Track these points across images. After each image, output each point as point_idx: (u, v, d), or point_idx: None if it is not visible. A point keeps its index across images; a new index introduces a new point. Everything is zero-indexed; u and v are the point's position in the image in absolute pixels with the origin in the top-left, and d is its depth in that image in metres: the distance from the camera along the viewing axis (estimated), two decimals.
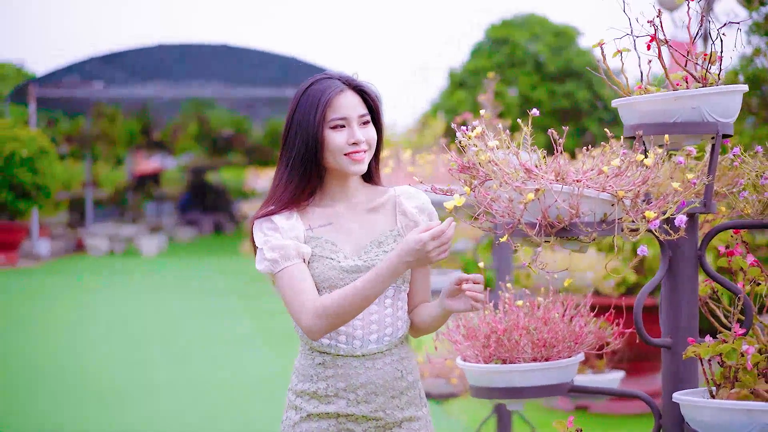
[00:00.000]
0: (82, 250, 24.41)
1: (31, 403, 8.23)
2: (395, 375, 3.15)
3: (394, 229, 3.20)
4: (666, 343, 3.20)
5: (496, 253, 5.87)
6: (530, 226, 2.88)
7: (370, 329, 3.13)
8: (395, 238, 3.18)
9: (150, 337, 11.87)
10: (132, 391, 8.80)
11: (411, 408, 3.21)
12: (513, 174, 2.89)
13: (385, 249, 3.15)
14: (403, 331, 3.20)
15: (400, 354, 3.18)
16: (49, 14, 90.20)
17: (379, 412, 3.14)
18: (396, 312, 3.18)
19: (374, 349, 3.13)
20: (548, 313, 3.47)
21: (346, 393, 3.12)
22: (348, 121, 3.13)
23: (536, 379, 3.35)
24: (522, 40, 23.38)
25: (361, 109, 3.16)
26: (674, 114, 3.05)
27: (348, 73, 3.26)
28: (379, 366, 3.13)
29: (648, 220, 2.84)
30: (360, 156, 3.13)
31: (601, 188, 2.86)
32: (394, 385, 3.16)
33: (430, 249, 2.93)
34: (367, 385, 3.12)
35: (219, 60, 25.16)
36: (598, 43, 3.21)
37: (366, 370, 3.12)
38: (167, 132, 29.87)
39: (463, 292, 3.07)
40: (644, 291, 3.08)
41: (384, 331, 3.15)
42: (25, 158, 19.75)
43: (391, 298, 3.17)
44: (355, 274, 3.11)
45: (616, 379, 5.28)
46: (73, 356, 10.53)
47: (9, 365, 9.95)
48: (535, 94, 22.66)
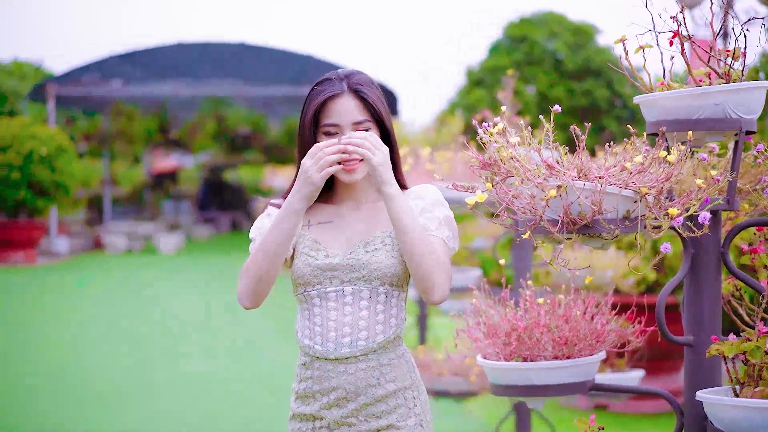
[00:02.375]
0: (101, 247, 24.47)
1: (44, 404, 8.24)
2: (369, 382, 3.02)
3: (387, 230, 3.09)
4: (688, 341, 3.17)
5: (515, 252, 5.84)
6: (552, 223, 2.86)
7: (343, 332, 3.02)
8: (384, 239, 3.06)
9: (163, 335, 11.88)
10: (135, 390, 8.81)
11: (391, 417, 3.04)
12: (535, 170, 2.87)
13: (368, 249, 3.05)
14: (384, 336, 3.05)
15: (379, 360, 3.04)
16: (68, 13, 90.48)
17: (351, 419, 3.03)
18: (374, 316, 3.05)
19: (347, 353, 3.01)
20: (569, 311, 3.45)
21: (321, 396, 3.05)
22: (340, 128, 3.04)
23: (557, 377, 3.33)
24: (540, 38, 23.32)
25: (357, 114, 3.04)
26: (697, 110, 3.03)
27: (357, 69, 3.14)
28: (352, 371, 3.02)
29: (671, 217, 2.81)
30: (351, 166, 3.02)
31: (624, 185, 2.84)
32: (368, 392, 3.02)
33: (308, 168, 2.92)
34: (337, 389, 3.02)
35: (237, 58, 25.16)
36: (620, 39, 3.19)
37: (338, 374, 3.02)
38: (185, 130, 29.94)
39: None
40: (666, 289, 3.06)
41: (358, 335, 3.02)
42: (43, 156, 19.80)
43: (367, 300, 3.04)
44: (329, 272, 3.04)
45: (637, 378, 5.26)
46: (82, 354, 10.54)
47: (15, 364, 9.97)
48: (553, 92, 22.59)
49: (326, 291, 3.05)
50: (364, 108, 3.04)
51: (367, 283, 3.03)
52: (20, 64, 29.95)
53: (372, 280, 3.03)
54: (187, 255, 23.38)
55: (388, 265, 3.03)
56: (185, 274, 19.07)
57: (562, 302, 3.50)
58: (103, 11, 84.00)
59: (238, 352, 10.71)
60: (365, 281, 3.03)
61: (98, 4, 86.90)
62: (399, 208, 2.94)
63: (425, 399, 3.15)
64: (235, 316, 13.06)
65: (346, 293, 3.04)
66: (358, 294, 3.03)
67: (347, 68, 3.15)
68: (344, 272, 3.04)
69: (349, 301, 3.04)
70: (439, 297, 2.98)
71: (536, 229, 2.88)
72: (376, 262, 3.03)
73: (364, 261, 3.03)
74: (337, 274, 3.04)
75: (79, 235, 25.00)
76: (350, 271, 3.03)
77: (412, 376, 3.12)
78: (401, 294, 3.11)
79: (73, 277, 17.98)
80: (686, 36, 3.10)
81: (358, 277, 3.03)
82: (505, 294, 3.55)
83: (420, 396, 3.12)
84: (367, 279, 3.03)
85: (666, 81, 3.19)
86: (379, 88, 3.11)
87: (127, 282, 17.34)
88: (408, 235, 2.94)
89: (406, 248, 2.95)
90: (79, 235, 24.96)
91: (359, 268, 3.03)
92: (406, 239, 2.94)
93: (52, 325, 12.55)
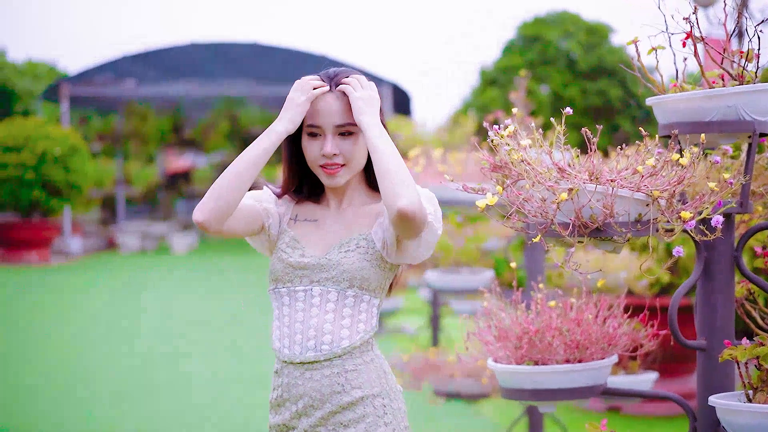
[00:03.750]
0: (114, 247, 24.50)
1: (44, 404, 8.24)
2: (334, 389, 2.91)
3: (365, 233, 2.98)
4: (701, 345, 3.15)
5: (528, 253, 5.81)
6: (563, 227, 2.83)
7: (308, 335, 2.92)
8: (359, 241, 2.96)
9: (175, 335, 11.88)
10: (140, 389, 8.81)
11: (359, 426, 2.90)
12: (546, 173, 2.84)
13: (342, 250, 2.95)
14: (350, 342, 2.92)
15: (344, 366, 2.91)
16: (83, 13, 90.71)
17: (319, 428, 2.92)
18: (339, 320, 2.93)
19: (311, 357, 2.91)
20: (581, 314, 3.43)
21: (291, 404, 2.96)
22: (322, 129, 2.95)
23: (569, 381, 3.31)
24: (554, 37, 23.28)
25: (339, 117, 2.94)
26: (710, 112, 3.00)
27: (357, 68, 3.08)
28: (317, 378, 2.91)
29: (684, 220, 2.79)
30: (332, 170, 2.95)
31: (636, 188, 2.81)
32: (333, 400, 2.91)
33: (294, 96, 2.96)
34: (304, 396, 2.93)
35: (250, 58, 25.17)
36: (633, 40, 3.17)
37: (305, 381, 2.92)
38: (198, 130, 29.96)
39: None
40: (679, 292, 3.04)
41: (322, 339, 2.91)
42: (57, 156, 19.85)
43: (333, 303, 2.93)
44: (300, 270, 2.96)
45: (650, 381, 5.22)
46: (88, 354, 10.54)
47: (19, 364, 9.98)
48: (567, 91, 22.55)
49: (295, 290, 2.97)
50: (348, 109, 2.94)
51: (335, 284, 2.93)
52: (34, 64, 30.04)
53: (340, 281, 2.93)
54: (200, 255, 23.39)
55: (359, 268, 2.93)
56: (197, 274, 19.07)
57: (574, 305, 3.48)
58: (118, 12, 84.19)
59: (239, 352, 10.72)
60: (334, 282, 2.93)
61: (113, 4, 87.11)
62: (376, 137, 2.85)
63: (399, 407, 2.99)
64: (246, 315, 13.07)
65: (314, 294, 2.94)
66: (326, 295, 2.93)
67: (340, 68, 3.06)
68: (314, 272, 2.95)
69: (317, 303, 2.94)
70: (404, 203, 2.74)
71: (547, 233, 2.86)
72: (346, 263, 2.93)
73: (334, 261, 2.94)
74: (308, 273, 2.96)
75: (93, 235, 25.04)
76: (320, 271, 2.95)
77: (383, 383, 2.97)
78: (372, 300, 2.97)
79: (86, 277, 18.01)
80: (699, 37, 3.07)
81: (327, 278, 2.94)
82: (517, 297, 3.53)
83: (392, 404, 2.97)
84: (336, 280, 2.93)
85: (679, 83, 3.17)
86: (373, 88, 2.98)
87: (139, 282, 17.35)
88: (381, 154, 2.83)
89: (379, 167, 2.82)
90: (92, 235, 25.01)
91: (329, 268, 2.94)
92: (379, 157, 2.83)
93: (62, 325, 12.56)
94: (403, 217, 2.75)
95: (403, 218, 2.75)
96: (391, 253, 2.96)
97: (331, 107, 2.94)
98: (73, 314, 13.55)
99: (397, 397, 3.00)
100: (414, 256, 2.96)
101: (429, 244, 2.94)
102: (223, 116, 29.59)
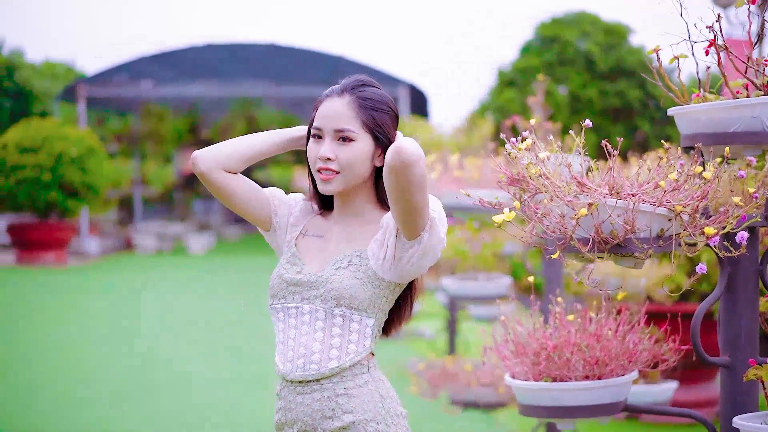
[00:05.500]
0: (131, 248, 24.50)
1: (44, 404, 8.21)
2: (324, 413, 2.80)
3: (360, 250, 2.87)
4: (725, 362, 3.07)
5: (546, 260, 5.72)
6: (583, 242, 2.76)
7: (299, 353, 2.83)
8: (351, 258, 2.85)
9: (186, 335, 11.86)
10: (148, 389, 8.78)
11: None
12: (565, 188, 2.76)
13: (335, 267, 2.85)
14: (339, 363, 2.80)
15: (335, 390, 2.81)
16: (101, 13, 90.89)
17: None
18: (329, 339, 2.81)
19: (300, 376, 2.82)
20: (601, 329, 3.35)
21: (288, 428, 2.88)
22: (322, 132, 2.85)
23: (588, 398, 3.23)
24: (572, 38, 23.16)
25: (340, 122, 2.82)
26: (733, 123, 2.92)
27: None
28: (308, 402, 2.82)
29: (708, 236, 2.71)
30: (327, 176, 2.84)
31: (658, 203, 2.73)
32: (324, 425, 2.80)
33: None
34: (297, 422, 2.84)
35: (267, 59, 25.14)
36: (654, 49, 3.09)
37: (297, 405, 2.83)
38: (215, 131, 29.93)
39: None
40: (702, 309, 2.96)
41: (311, 358, 2.82)
42: (74, 157, 19.85)
43: (322, 322, 2.83)
44: (293, 287, 2.87)
45: (670, 390, 5.15)
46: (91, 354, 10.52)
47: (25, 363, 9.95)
48: (585, 92, 22.43)
49: (288, 306, 2.89)
50: (354, 117, 2.83)
51: (323, 302, 2.83)
52: (52, 65, 30.09)
53: (327, 300, 2.82)
54: (217, 255, 23.36)
55: (347, 286, 2.80)
56: (213, 275, 19.05)
57: (594, 319, 3.40)
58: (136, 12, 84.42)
59: (241, 352, 10.68)
60: (321, 301, 2.83)
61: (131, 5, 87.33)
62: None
63: None
64: (261, 315, 13.02)
65: (305, 311, 2.85)
66: (315, 314, 2.83)
67: (359, 75, 2.94)
68: (305, 289, 2.87)
69: (306, 321, 2.84)
70: (404, 145, 2.61)
71: (566, 248, 2.78)
72: (334, 281, 2.82)
73: (323, 279, 2.84)
74: (299, 290, 2.87)
75: (110, 236, 25.05)
76: (310, 288, 2.86)
77: (378, 408, 2.83)
78: (365, 320, 2.83)
79: (102, 278, 17.99)
80: (723, 45, 2.98)
81: (315, 296, 2.84)
82: (535, 310, 3.45)
83: (388, 429, 2.83)
84: (324, 298, 2.82)
85: (701, 93, 3.09)
86: (384, 99, 2.88)
87: (155, 283, 17.34)
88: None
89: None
90: (109, 236, 25.02)
91: (318, 285, 2.84)
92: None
93: (66, 326, 12.53)
94: (401, 161, 2.59)
95: (402, 165, 2.59)
96: (389, 267, 2.81)
97: (335, 110, 2.84)
98: (84, 315, 13.52)
99: (395, 422, 2.86)
100: (414, 264, 2.79)
101: (432, 250, 2.78)
102: (240, 117, 29.58)
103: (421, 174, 2.62)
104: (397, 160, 2.59)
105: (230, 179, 2.93)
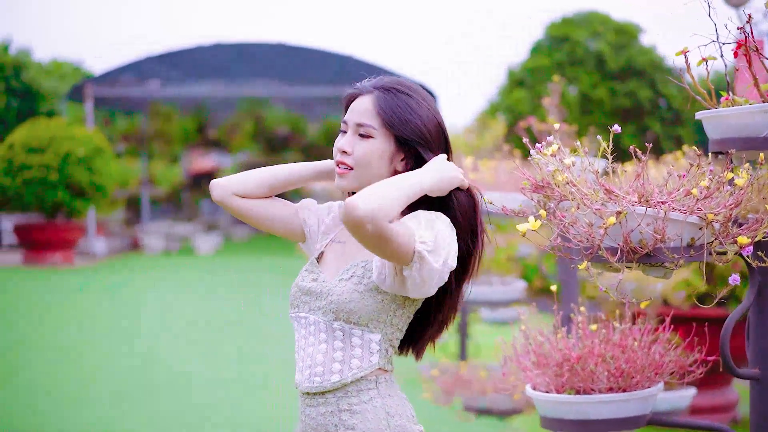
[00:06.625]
0: (138, 248, 24.44)
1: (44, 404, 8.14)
2: (327, 429, 2.72)
3: (367, 260, 2.75)
4: (755, 375, 2.96)
5: (562, 263, 5.62)
6: (611, 252, 2.65)
7: (306, 363, 2.77)
8: (355, 269, 2.74)
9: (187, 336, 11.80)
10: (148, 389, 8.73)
11: None
12: (592, 195, 2.66)
13: (340, 278, 2.75)
14: (341, 378, 2.71)
15: (338, 405, 2.72)
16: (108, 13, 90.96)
17: None
18: (331, 352, 2.73)
19: (307, 388, 2.74)
20: (625, 339, 3.25)
21: None
22: (347, 125, 2.80)
23: (613, 411, 3.14)
24: (582, 37, 23.06)
25: (362, 117, 2.76)
26: (764, 128, 2.81)
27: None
28: (314, 416, 2.75)
29: (740, 245, 2.60)
30: (341, 170, 2.77)
31: (689, 211, 2.62)
32: None
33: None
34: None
35: (275, 59, 25.06)
36: (682, 51, 2.99)
37: (306, 417, 2.76)
38: (223, 130, 29.88)
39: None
40: (730, 322, 2.86)
41: (314, 370, 2.74)
42: (81, 157, 19.78)
43: (325, 334, 2.74)
44: (304, 296, 2.79)
45: (688, 396, 5.05)
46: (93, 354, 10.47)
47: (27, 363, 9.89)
48: (595, 92, 22.32)
49: (300, 316, 2.81)
50: (376, 115, 2.75)
51: (324, 315, 2.74)
52: (59, 64, 30.08)
53: (327, 312, 2.73)
54: (224, 256, 23.29)
55: (346, 300, 2.70)
56: (222, 274, 18.97)
57: (617, 329, 3.30)
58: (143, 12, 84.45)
59: (241, 353, 10.62)
60: (323, 313, 2.74)
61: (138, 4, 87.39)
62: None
63: None
64: (269, 316, 12.95)
65: (310, 322, 2.77)
66: (318, 325, 2.75)
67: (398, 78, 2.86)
68: (313, 299, 2.78)
69: (312, 332, 2.76)
70: (356, 202, 2.47)
71: (593, 258, 2.68)
72: (335, 293, 2.73)
73: (326, 290, 2.75)
74: (308, 299, 2.79)
75: (117, 236, 24.99)
76: (317, 298, 2.77)
77: (382, 426, 2.72)
78: (368, 335, 2.73)
79: (109, 279, 17.93)
80: (754, 47, 2.88)
81: (319, 307, 2.75)
82: (557, 321, 3.35)
83: None
84: (324, 311, 2.74)
85: (730, 96, 2.98)
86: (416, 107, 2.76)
87: (162, 283, 17.27)
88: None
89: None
90: (116, 236, 24.95)
91: (321, 296, 2.76)
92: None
93: (78, 326, 12.49)
94: (350, 220, 2.46)
95: (353, 225, 2.47)
96: (390, 284, 2.67)
97: (361, 106, 2.78)
98: (90, 316, 13.45)
99: None
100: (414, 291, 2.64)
101: (428, 279, 2.61)
102: (248, 116, 29.52)
103: (374, 233, 2.48)
104: (347, 219, 2.48)
105: (246, 203, 2.92)
